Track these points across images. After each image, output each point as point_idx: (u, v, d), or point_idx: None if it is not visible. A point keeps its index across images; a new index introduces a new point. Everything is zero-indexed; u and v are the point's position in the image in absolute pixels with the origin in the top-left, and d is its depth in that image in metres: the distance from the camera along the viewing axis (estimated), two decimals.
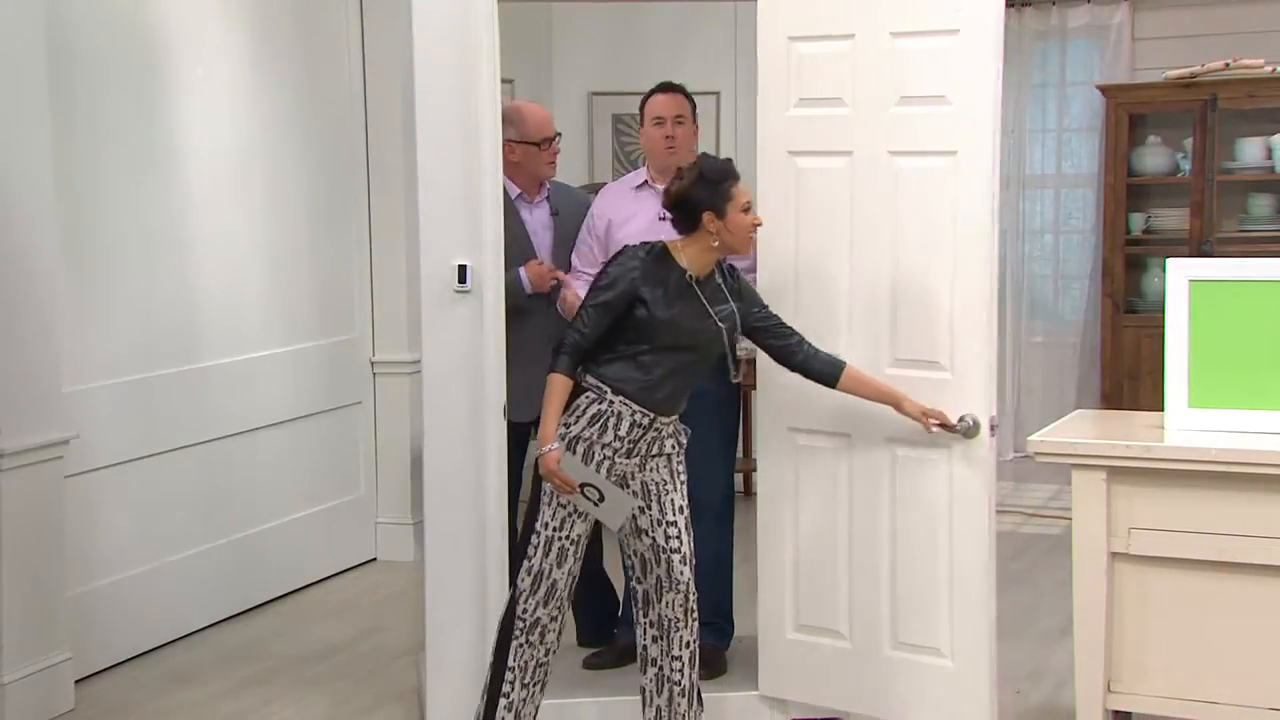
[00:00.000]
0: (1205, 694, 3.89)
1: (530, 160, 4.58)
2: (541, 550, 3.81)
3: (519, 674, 3.86)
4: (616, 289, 3.76)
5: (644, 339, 3.77)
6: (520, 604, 3.83)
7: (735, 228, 3.79)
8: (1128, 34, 8.18)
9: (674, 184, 3.84)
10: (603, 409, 3.77)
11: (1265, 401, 3.96)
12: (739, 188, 3.80)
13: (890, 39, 4.06)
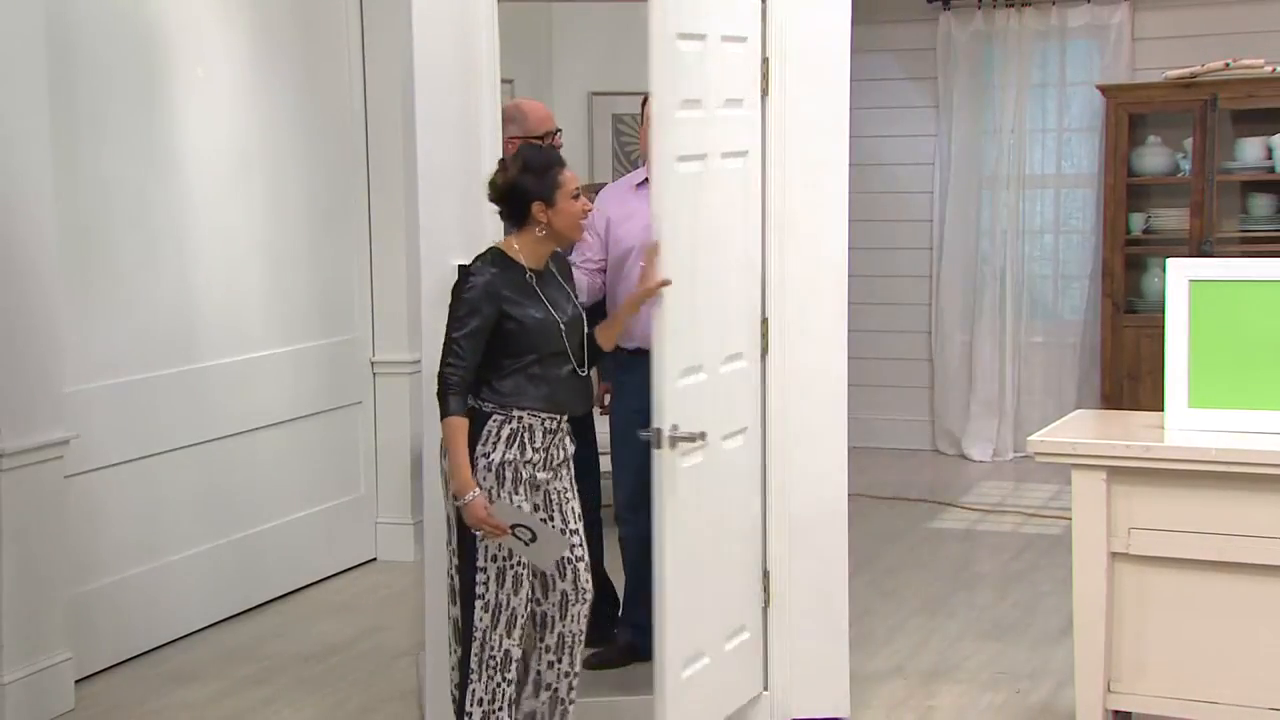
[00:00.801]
0: (1205, 694, 3.89)
1: None
2: (495, 582, 3.65)
3: (493, 711, 3.69)
4: (483, 313, 3.63)
5: (525, 349, 3.68)
6: (486, 643, 3.66)
7: (566, 215, 3.72)
8: (1128, 34, 8.17)
9: (498, 176, 3.76)
10: (515, 427, 3.66)
11: (1266, 401, 3.96)
12: (565, 174, 3.73)
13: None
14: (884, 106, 8.69)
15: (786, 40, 4.28)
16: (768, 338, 4.36)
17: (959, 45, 8.57)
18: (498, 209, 3.82)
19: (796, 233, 4.32)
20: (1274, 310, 3.96)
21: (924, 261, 8.81)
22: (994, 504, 7.46)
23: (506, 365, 3.68)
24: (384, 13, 6.25)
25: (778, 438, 4.36)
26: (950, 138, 8.63)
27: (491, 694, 3.67)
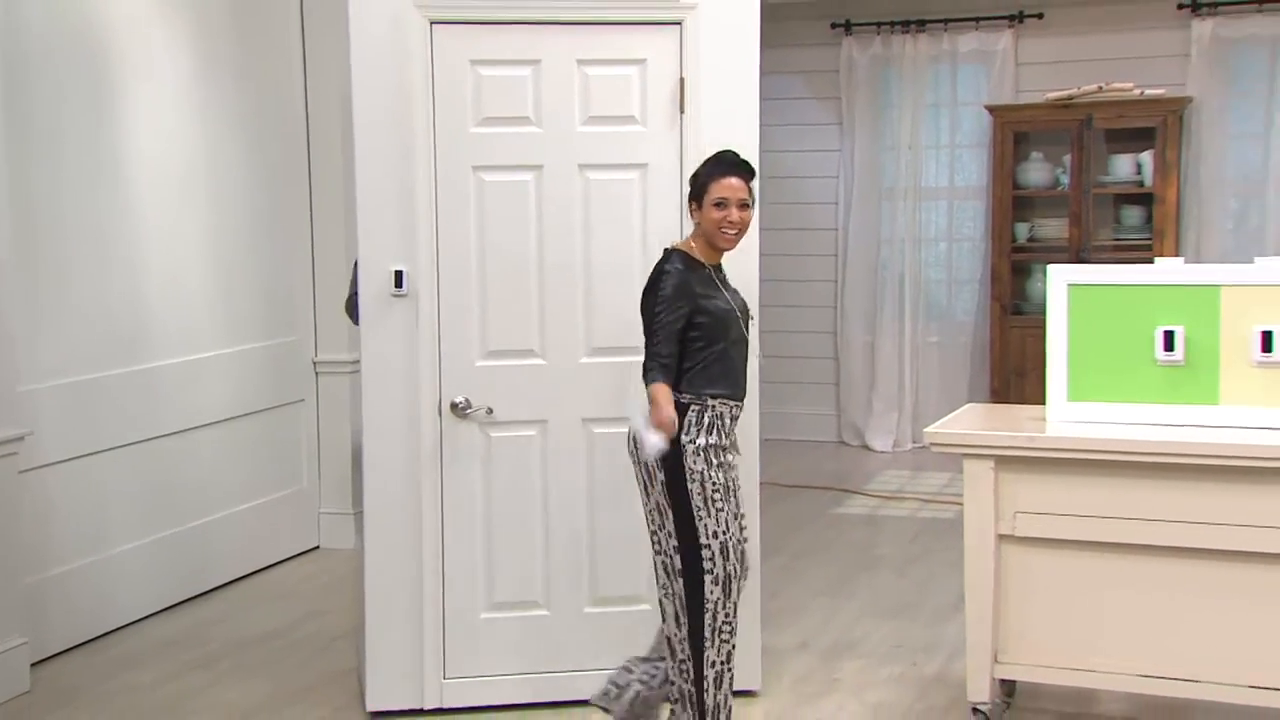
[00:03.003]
0: (1082, 663, 3.95)
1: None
2: (720, 555, 3.68)
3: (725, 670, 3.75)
4: (682, 309, 3.69)
5: (716, 338, 3.73)
6: (718, 614, 3.70)
7: (707, 218, 3.79)
8: (1012, 59, 8.28)
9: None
10: (711, 415, 3.71)
11: (1136, 395, 4.03)
12: (716, 183, 3.78)
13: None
14: (792, 124, 8.75)
15: (701, 62, 4.30)
16: None
17: (860, 68, 8.63)
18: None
19: None
20: (1143, 311, 4.02)
21: (829, 267, 8.87)
22: (894, 491, 7.53)
23: (700, 356, 3.72)
24: (325, 23, 6.19)
25: None
26: (853, 153, 8.69)
27: (725, 656, 3.76)
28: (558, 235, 4.34)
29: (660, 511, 3.74)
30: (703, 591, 3.70)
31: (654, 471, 3.70)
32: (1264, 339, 3.88)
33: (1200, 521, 3.78)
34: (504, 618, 4.39)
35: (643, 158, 4.34)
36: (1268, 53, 7.76)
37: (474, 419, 4.33)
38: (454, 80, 4.26)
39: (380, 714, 4.34)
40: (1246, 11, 7.75)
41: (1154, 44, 7.96)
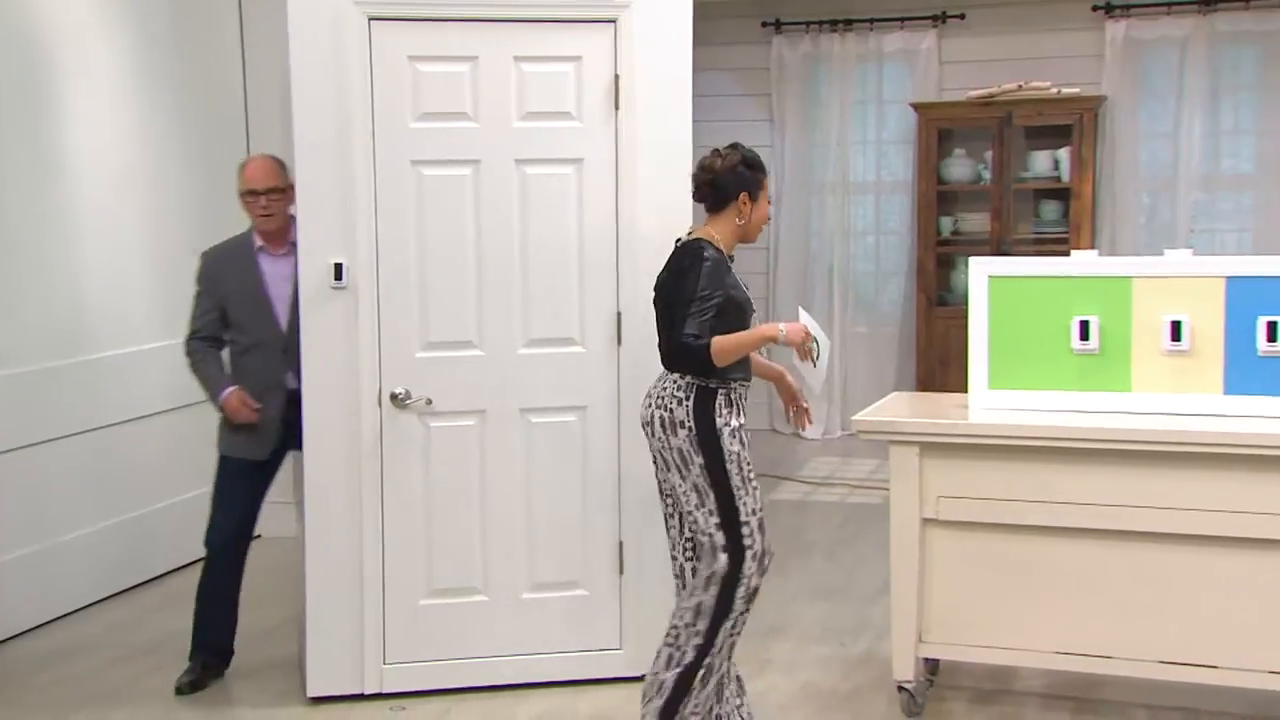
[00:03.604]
0: (1001, 641, 4.01)
1: (248, 210, 4.46)
2: (758, 532, 3.70)
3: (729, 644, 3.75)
4: (722, 295, 3.68)
5: (740, 325, 3.75)
6: (748, 581, 3.69)
7: (761, 212, 3.82)
8: (936, 58, 8.37)
9: (716, 161, 3.80)
10: (734, 397, 3.74)
11: (1053, 382, 4.09)
12: (768, 180, 3.87)
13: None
14: (724, 120, 8.77)
15: (635, 59, 4.31)
16: (621, 328, 4.39)
17: (790, 66, 8.68)
18: (700, 190, 3.84)
19: (645, 234, 4.35)
20: (1060, 302, 4.09)
21: (761, 260, 8.92)
22: (824, 477, 7.59)
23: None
24: (264, 18, 6.11)
25: (631, 419, 4.39)
26: (783, 149, 8.74)
27: (739, 625, 3.75)
28: (495, 229, 4.33)
29: (700, 492, 3.70)
30: (742, 566, 3.69)
31: (690, 455, 3.68)
32: (1173, 328, 3.96)
33: (1113, 504, 3.85)
34: (443, 604, 4.39)
35: (579, 153, 4.34)
36: (1176, 54, 7.90)
37: (413, 409, 4.31)
38: (393, 76, 4.24)
39: (321, 699, 4.32)
40: (1157, 14, 7.89)
41: (1070, 44, 8.07)
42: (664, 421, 3.72)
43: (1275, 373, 3.87)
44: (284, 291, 4.39)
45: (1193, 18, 7.83)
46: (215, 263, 4.48)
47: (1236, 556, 3.76)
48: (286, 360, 4.34)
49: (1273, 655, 3.75)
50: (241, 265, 4.43)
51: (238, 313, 4.42)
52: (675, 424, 3.70)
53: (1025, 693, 4.32)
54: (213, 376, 4.44)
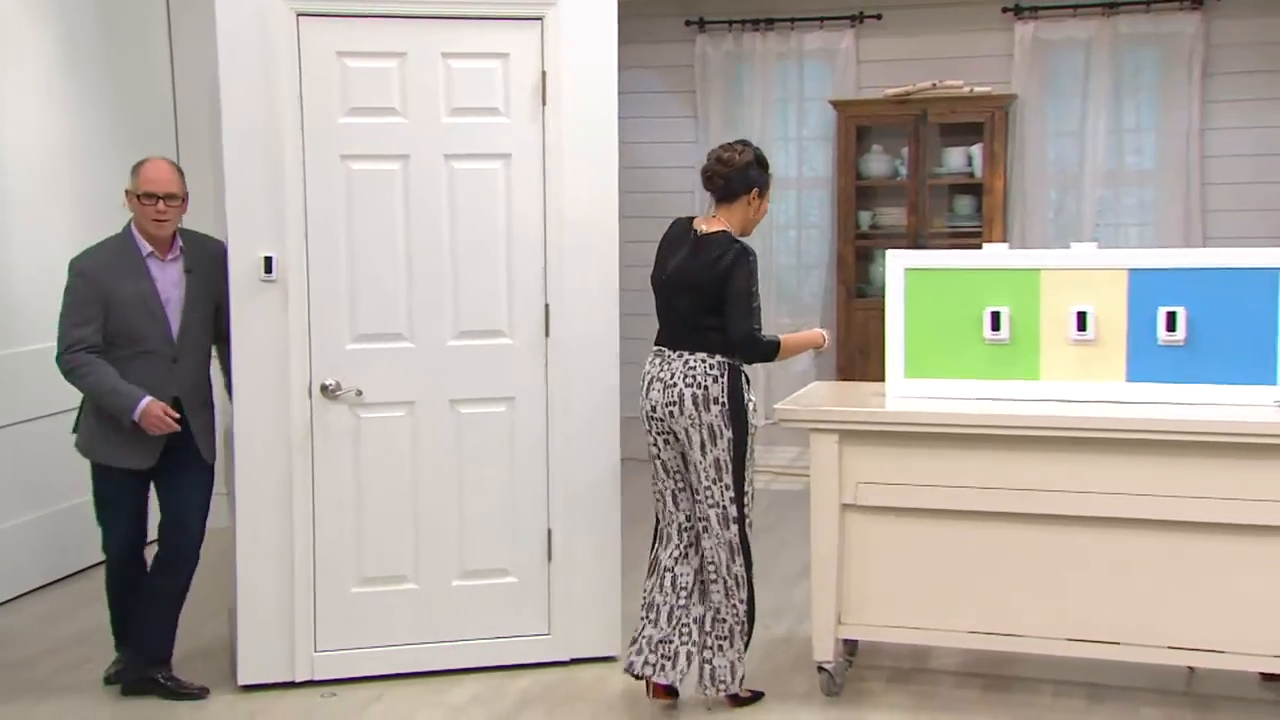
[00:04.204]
0: (917, 622, 4.07)
1: (140, 213, 4.11)
2: (752, 502, 4.03)
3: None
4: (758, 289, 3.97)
5: None
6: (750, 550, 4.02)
7: (763, 209, 4.07)
8: (854, 57, 8.42)
9: (735, 154, 4.00)
10: (746, 374, 4.02)
11: (966, 371, 4.15)
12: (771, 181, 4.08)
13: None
14: (649, 116, 8.77)
15: (562, 57, 4.30)
16: (549, 320, 4.38)
17: (713, 63, 8.70)
18: (714, 180, 4.04)
19: (573, 228, 4.36)
20: (973, 293, 4.14)
21: None
22: None
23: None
24: (191, 14, 6.02)
25: (558, 409, 4.39)
26: (707, 144, 8.72)
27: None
28: (425, 222, 4.30)
29: (720, 467, 3.93)
30: (744, 529, 4.00)
31: (721, 429, 3.92)
32: (1079, 319, 4.03)
33: (1022, 488, 3.92)
34: (374, 591, 4.36)
35: (506, 148, 4.32)
36: (1081, 55, 8.02)
37: (344, 400, 4.27)
38: (321, 72, 4.19)
39: (251, 687, 4.27)
40: (1063, 16, 8.01)
41: (982, 45, 8.17)
42: (696, 399, 3.92)
43: (1174, 361, 3.95)
44: (175, 298, 4.14)
45: (1096, 20, 7.96)
46: (100, 270, 4.08)
47: (1138, 537, 3.84)
48: (175, 369, 4.12)
49: (1171, 631, 3.83)
50: (131, 271, 4.09)
51: (127, 321, 4.06)
52: (710, 400, 3.92)
53: (940, 671, 4.38)
54: (120, 387, 4.03)
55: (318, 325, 4.25)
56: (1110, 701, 4.07)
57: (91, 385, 4.06)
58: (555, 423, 4.40)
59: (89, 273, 4.08)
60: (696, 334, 3.96)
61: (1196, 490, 3.77)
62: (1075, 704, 4.07)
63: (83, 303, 4.06)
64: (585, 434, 4.41)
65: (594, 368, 4.41)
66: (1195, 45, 7.85)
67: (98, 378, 4.04)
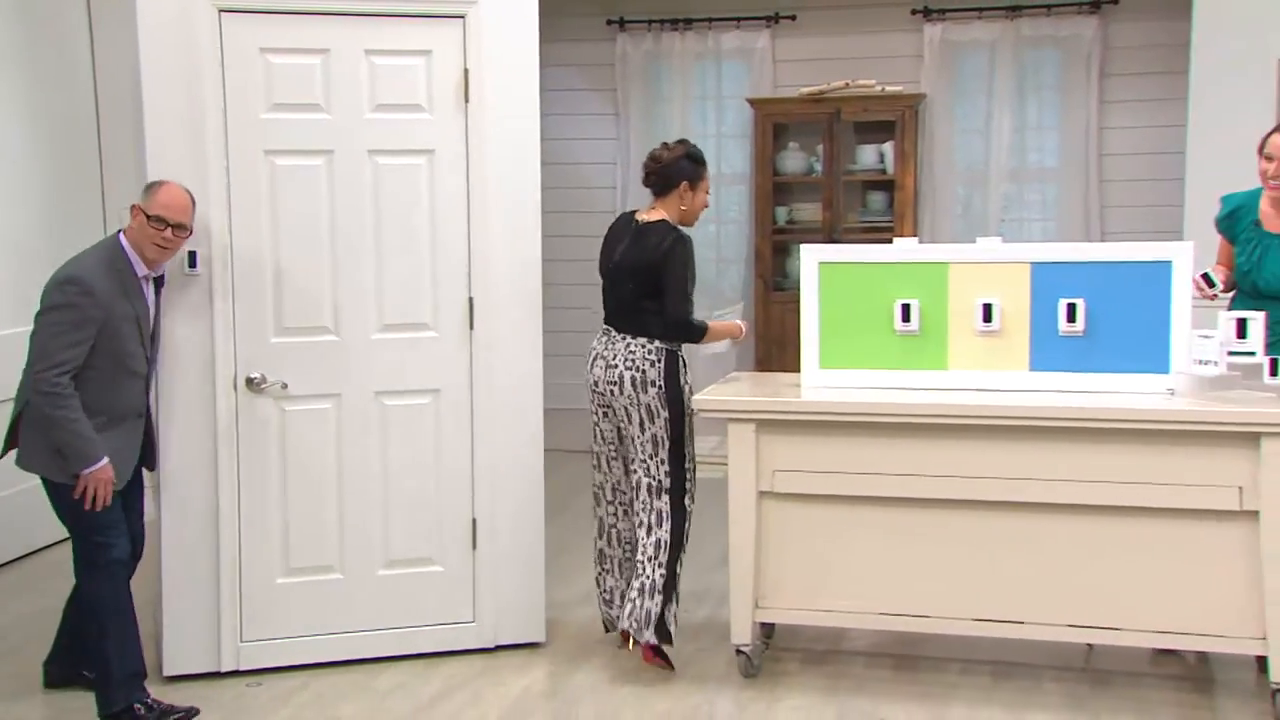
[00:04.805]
0: (832, 605, 4.10)
1: (141, 232, 3.87)
2: (694, 474, 4.27)
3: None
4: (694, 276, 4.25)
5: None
6: (690, 515, 4.27)
7: (699, 202, 4.29)
8: (770, 56, 8.47)
9: (665, 152, 4.28)
10: (685, 360, 4.28)
11: (878, 361, 4.19)
12: (706, 177, 4.30)
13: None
14: (571, 113, 8.75)
15: (484, 54, 4.27)
16: (473, 314, 4.35)
17: (633, 62, 8.69)
18: (649, 177, 4.31)
19: (496, 223, 4.33)
20: (884, 286, 4.18)
21: None
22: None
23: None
24: (113, 10, 5.87)
25: (483, 401, 4.37)
26: (629, 141, 8.75)
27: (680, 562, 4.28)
28: (349, 217, 4.25)
29: (657, 443, 4.20)
30: (685, 503, 4.23)
31: (658, 410, 4.17)
32: (985, 310, 4.09)
33: (932, 474, 3.97)
34: (300, 582, 4.30)
35: (430, 144, 4.28)
36: (987, 56, 8.14)
37: (269, 393, 4.21)
38: (244, 68, 4.12)
39: (177, 677, 4.20)
40: (969, 18, 8.12)
41: (892, 45, 8.25)
42: (635, 381, 4.19)
43: (1074, 350, 4.03)
44: (152, 317, 3.98)
45: (1001, 22, 8.08)
46: (105, 291, 3.78)
47: (1040, 520, 3.91)
48: (145, 385, 3.96)
49: (1072, 610, 3.91)
50: (127, 291, 3.84)
51: (121, 341, 3.81)
52: (648, 382, 4.18)
53: (853, 652, 4.42)
54: (90, 437, 3.73)
55: (242, 319, 4.18)
56: (1014, 678, 4.15)
57: (66, 419, 3.72)
58: (480, 414, 4.37)
59: (98, 293, 3.76)
60: (638, 317, 4.20)
61: (1094, 475, 3.84)
62: (981, 681, 4.13)
63: (82, 322, 3.74)
64: (510, 425, 4.40)
65: (518, 360, 4.39)
66: (1093, 47, 8.00)
67: (77, 414, 3.73)
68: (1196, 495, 3.77)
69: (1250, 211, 4.27)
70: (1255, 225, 4.25)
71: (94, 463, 3.73)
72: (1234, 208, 4.34)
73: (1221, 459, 3.74)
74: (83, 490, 3.74)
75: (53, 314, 3.75)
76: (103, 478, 3.75)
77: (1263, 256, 4.21)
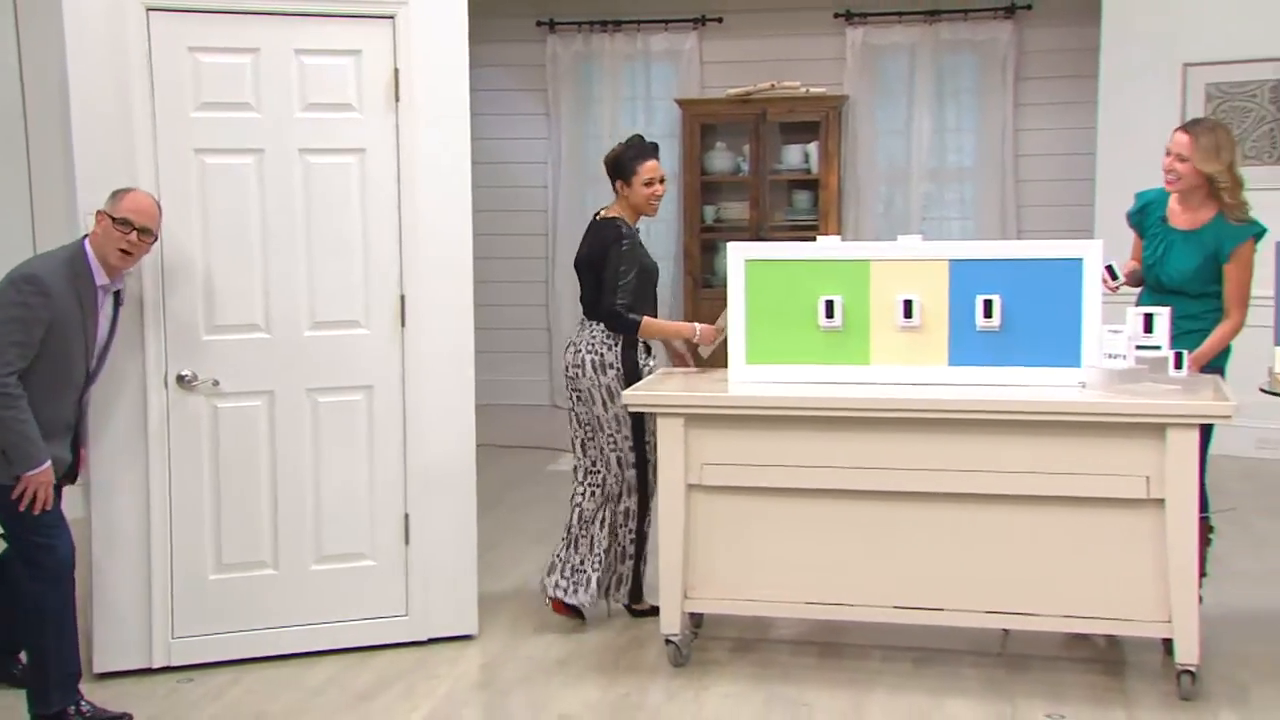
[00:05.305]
0: (758, 594, 4.12)
1: (107, 237, 3.73)
2: (653, 452, 4.35)
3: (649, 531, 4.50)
4: (637, 267, 4.39)
5: (649, 286, 4.47)
6: (654, 491, 4.39)
7: (635, 195, 4.42)
8: (697, 58, 8.49)
9: (611, 152, 4.50)
10: (648, 343, 4.54)
11: (803, 356, 4.21)
12: (646, 164, 4.42)
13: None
14: (503, 114, 8.71)
15: (413, 54, 4.23)
16: (405, 311, 4.31)
17: (563, 63, 8.67)
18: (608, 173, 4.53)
19: (428, 222, 4.29)
20: (809, 283, 4.21)
21: (541, 246, 8.90)
22: None
23: (643, 297, 4.44)
24: (40, 11, 5.74)
25: (414, 397, 4.33)
26: (560, 141, 8.73)
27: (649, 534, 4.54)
28: (280, 215, 4.19)
29: (619, 420, 4.40)
30: (648, 477, 4.45)
31: (616, 390, 4.35)
32: (905, 306, 4.13)
33: (856, 466, 4.00)
34: (233, 578, 4.24)
35: (360, 143, 4.24)
36: (907, 59, 8.24)
37: (201, 391, 4.14)
38: (173, 66, 4.05)
39: (107, 675, 4.12)
40: (890, 23, 8.20)
41: (816, 48, 8.32)
42: (595, 364, 4.41)
43: (991, 345, 4.08)
44: (104, 330, 3.84)
45: (920, 26, 8.17)
46: (62, 293, 3.64)
47: (959, 510, 3.96)
48: (79, 398, 3.83)
49: (989, 597, 3.96)
50: (85, 298, 3.70)
51: (66, 347, 3.66)
52: (605, 365, 4.40)
53: (779, 640, 4.45)
54: (36, 438, 3.59)
55: (173, 316, 4.11)
56: (934, 664, 4.20)
57: (15, 419, 3.56)
58: (412, 410, 4.33)
59: (54, 295, 3.61)
60: (595, 306, 4.44)
61: (1010, 465, 3.90)
62: (902, 667, 4.18)
63: (35, 322, 3.59)
64: (441, 421, 4.36)
65: (450, 356, 4.36)
66: (1008, 52, 8.12)
67: (26, 415, 3.57)
68: (1106, 484, 3.84)
69: (1160, 208, 4.36)
70: (1162, 221, 4.34)
71: (38, 465, 3.61)
72: (1145, 203, 4.43)
73: (1129, 449, 3.81)
74: (21, 491, 3.63)
75: (6, 310, 3.61)
76: (44, 480, 3.63)
77: (1166, 251, 4.30)
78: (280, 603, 4.28)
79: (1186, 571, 3.79)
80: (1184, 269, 4.25)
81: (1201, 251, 4.24)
